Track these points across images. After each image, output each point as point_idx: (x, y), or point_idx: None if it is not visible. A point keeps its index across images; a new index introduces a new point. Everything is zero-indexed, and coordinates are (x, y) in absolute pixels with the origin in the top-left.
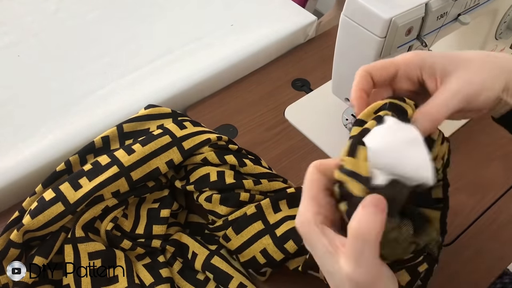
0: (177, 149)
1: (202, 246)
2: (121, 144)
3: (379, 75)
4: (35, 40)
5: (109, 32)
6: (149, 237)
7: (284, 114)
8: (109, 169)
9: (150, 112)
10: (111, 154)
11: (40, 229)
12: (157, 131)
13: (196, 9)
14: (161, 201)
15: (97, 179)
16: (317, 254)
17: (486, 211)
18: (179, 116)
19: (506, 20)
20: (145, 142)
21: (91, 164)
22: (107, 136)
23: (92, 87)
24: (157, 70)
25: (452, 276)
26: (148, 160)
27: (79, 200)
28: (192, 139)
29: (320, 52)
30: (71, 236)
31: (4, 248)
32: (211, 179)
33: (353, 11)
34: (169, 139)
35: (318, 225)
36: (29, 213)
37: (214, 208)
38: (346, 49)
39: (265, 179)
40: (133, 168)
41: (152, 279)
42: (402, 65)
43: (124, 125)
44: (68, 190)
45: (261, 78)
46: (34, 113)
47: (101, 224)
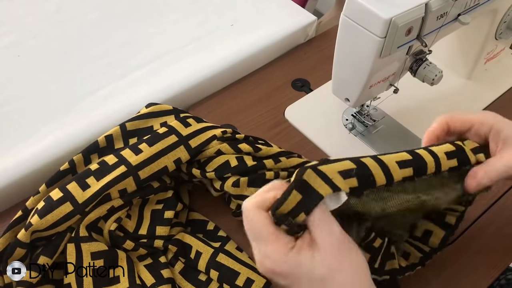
0: (184, 147)
1: (206, 245)
2: (125, 143)
3: (455, 127)
4: (35, 41)
5: (109, 32)
6: (152, 237)
7: (284, 114)
8: (116, 169)
9: (152, 110)
10: (118, 153)
11: (48, 229)
12: (162, 129)
13: (196, 9)
14: (165, 203)
15: (105, 178)
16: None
17: (486, 211)
18: (181, 112)
19: (506, 20)
20: (152, 142)
21: (97, 163)
22: (110, 135)
23: (92, 87)
24: (157, 71)
25: (452, 276)
26: (156, 159)
27: (87, 200)
28: (198, 137)
29: (320, 52)
30: (75, 235)
31: (11, 247)
32: (232, 164)
33: (353, 11)
34: (175, 138)
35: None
36: (37, 213)
37: (242, 192)
38: (346, 49)
39: (283, 157)
40: (141, 167)
41: (153, 279)
42: (477, 124)
43: (127, 123)
44: (76, 189)
45: (261, 78)
46: (34, 113)
47: (105, 224)
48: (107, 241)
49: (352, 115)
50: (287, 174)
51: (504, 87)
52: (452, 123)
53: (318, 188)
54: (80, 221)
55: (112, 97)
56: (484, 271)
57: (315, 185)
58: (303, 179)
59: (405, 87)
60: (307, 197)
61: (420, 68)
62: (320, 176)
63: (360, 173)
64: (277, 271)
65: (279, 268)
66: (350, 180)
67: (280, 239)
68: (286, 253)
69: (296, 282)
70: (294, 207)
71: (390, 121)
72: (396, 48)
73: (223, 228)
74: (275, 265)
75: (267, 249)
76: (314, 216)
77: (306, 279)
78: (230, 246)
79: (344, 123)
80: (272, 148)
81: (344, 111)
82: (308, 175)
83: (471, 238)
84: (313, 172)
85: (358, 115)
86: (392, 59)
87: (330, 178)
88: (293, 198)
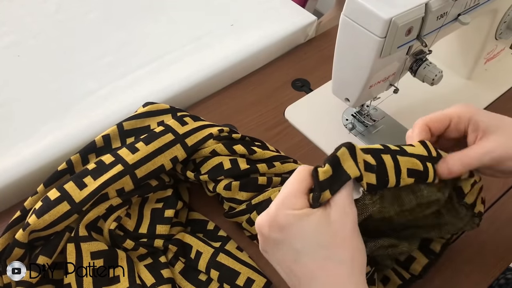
0: (180, 146)
1: (206, 245)
2: (123, 143)
3: (436, 127)
4: (35, 41)
5: (108, 32)
6: (152, 236)
7: (284, 114)
8: (113, 168)
9: (149, 109)
10: (115, 153)
11: (46, 229)
12: (158, 128)
13: (196, 9)
14: (165, 201)
15: (102, 177)
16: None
17: (486, 211)
18: (178, 111)
19: (506, 20)
20: (149, 141)
21: (94, 163)
22: (107, 134)
23: (91, 87)
24: (157, 71)
25: (451, 275)
26: (153, 158)
27: (84, 199)
28: (194, 136)
29: (320, 52)
30: (74, 235)
31: (9, 247)
32: (225, 167)
33: (353, 11)
34: (172, 136)
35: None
36: (35, 213)
37: (234, 195)
38: (346, 49)
39: (277, 162)
40: (138, 166)
41: (153, 279)
42: (455, 118)
43: (124, 123)
44: (73, 189)
45: (261, 78)
46: (33, 113)
47: (105, 224)
48: (107, 240)
49: (352, 115)
50: (281, 180)
51: (504, 87)
52: (431, 123)
53: (347, 169)
54: (79, 221)
55: (112, 97)
56: (484, 270)
57: (346, 165)
58: (336, 156)
59: (405, 87)
60: (336, 174)
61: (420, 68)
62: (352, 157)
63: (380, 172)
64: (281, 220)
65: (284, 218)
66: (369, 175)
67: (301, 193)
68: (301, 205)
69: (291, 238)
70: (324, 180)
71: (390, 121)
72: (396, 48)
73: (223, 227)
74: (283, 212)
75: (284, 191)
76: (339, 196)
77: (302, 238)
78: (230, 246)
79: (344, 123)
80: (267, 151)
81: (344, 111)
82: (342, 153)
83: (471, 237)
84: (347, 151)
85: (358, 115)
86: (392, 59)
87: (358, 163)
88: (326, 171)
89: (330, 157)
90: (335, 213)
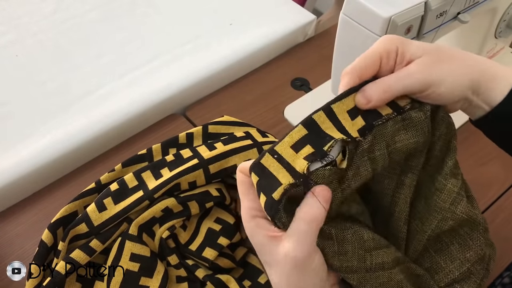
0: (256, 151)
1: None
2: (203, 143)
3: (368, 74)
4: (33, 40)
5: (107, 32)
6: (199, 257)
7: (283, 113)
8: (189, 162)
9: (236, 119)
10: (194, 149)
11: (120, 214)
12: (240, 133)
13: (194, 8)
14: (223, 226)
15: (177, 169)
16: (256, 246)
17: (486, 210)
18: (264, 131)
19: (505, 18)
20: (227, 142)
21: (173, 155)
22: (191, 133)
23: (90, 87)
24: (156, 70)
25: None
26: (227, 157)
27: (156, 187)
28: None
29: (319, 51)
30: (125, 231)
31: (78, 219)
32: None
33: (352, 10)
34: (250, 141)
35: (252, 219)
36: (111, 195)
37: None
38: (346, 48)
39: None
40: (212, 161)
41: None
42: (385, 57)
43: (209, 126)
44: (150, 179)
45: (260, 77)
46: (32, 113)
47: (159, 230)
48: (155, 247)
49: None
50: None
51: None
52: (359, 71)
53: (281, 179)
54: (138, 214)
55: (111, 97)
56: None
57: (279, 175)
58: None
59: None
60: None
61: None
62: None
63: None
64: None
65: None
66: (305, 149)
67: (251, 199)
68: (252, 217)
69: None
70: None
71: None
72: None
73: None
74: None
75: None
76: (302, 209)
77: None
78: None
79: None
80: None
81: None
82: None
83: None
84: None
85: None
86: None
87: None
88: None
89: (257, 161)
90: (292, 231)
